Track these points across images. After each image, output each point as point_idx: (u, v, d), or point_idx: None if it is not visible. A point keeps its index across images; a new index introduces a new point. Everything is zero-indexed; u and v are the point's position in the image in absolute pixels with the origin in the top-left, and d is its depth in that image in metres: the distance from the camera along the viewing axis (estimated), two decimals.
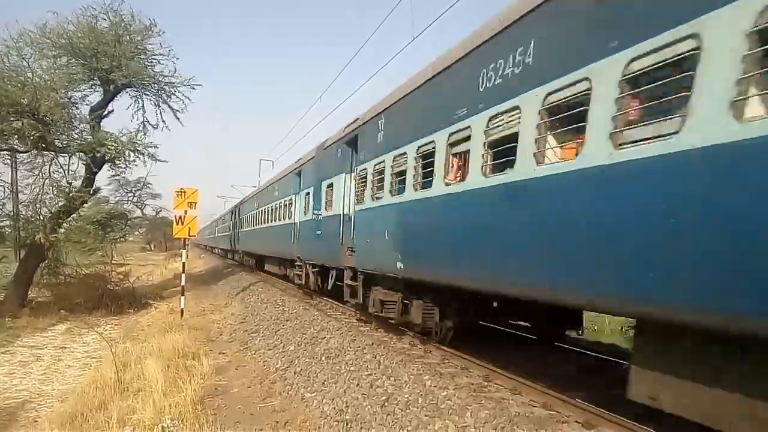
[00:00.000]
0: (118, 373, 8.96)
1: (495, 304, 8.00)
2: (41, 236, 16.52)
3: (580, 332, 7.61)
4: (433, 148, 6.90)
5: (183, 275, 15.81)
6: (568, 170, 4.51)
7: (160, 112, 19.25)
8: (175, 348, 10.26)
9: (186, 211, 14.83)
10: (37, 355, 12.72)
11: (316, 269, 13.73)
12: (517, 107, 5.26)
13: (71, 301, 18.14)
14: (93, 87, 18.03)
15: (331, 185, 12.02)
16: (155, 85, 18.68)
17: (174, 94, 18.84)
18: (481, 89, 5.93)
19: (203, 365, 9.42)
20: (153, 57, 18.16)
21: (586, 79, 4.40)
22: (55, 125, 16.20)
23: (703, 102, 3.38)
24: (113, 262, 24.50)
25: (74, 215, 18.79)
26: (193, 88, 18.94)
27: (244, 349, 11.05)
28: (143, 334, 12.89)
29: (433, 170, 6.87)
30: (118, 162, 17.80)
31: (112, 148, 16.71)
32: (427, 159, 7.12)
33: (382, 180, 8.76)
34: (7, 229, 19.31)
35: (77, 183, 18.18)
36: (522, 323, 8.85)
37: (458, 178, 6.38)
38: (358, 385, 6.85)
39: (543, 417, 5.09)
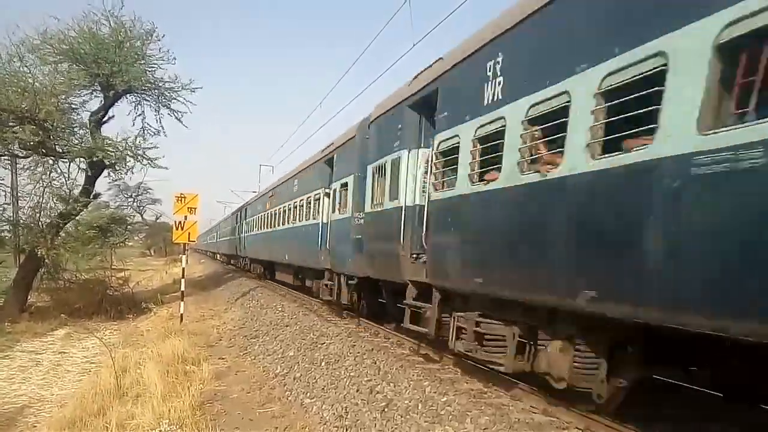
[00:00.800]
0: (117, 379, 8.95)
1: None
2: (43, 250, 16.52)
3: None
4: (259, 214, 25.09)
5: (183, 280, 15.81)
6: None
7: (159, 118, 19.32)
8: (175, 353, 10.24)
9: (186, 217, 14.86)
10: (36, 360, 12.70)
11: (244, 257, 30.15)
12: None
13: (71, 306, 18.11)
14: (93, 92, 18.09)
15: (244, 224, 29.08)
16: (156, 90, 18.73)
17: (175, 99, 18.90)
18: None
19: (202, 371, 9.41)
20: (153, 63, 18.23)
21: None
22: (55, 131, 16.24)
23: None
24: (113, 267, 24.44)
25: (73, 221, 18.79)
26: (193, 92, 18.98)
27: (244, 355, 11.04)
28: (143, 340, 12.88)
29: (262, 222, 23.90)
30: (118, 167, 17.83)
31: (112, 153, 16.74)
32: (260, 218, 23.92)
33: (250, 225, 26.67)
34: (6, 234, 19.30)
35: (77, 189, 18.21)
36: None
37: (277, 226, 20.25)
38: (357, 390, 6.84)
39: (543, 423, 5.08)
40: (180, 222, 14.87)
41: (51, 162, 17.51)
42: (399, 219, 7.81)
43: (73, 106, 17.54)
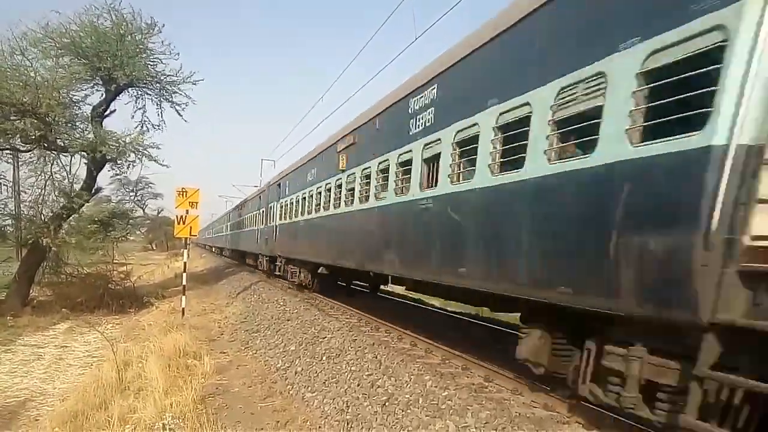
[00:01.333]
0: (119, 373, 8.98)
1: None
2: (48, 240, 16.54)
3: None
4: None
5: (184, 275, 15.82)
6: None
7: (161, 112, 19.32)
8: (176, 347, 10.26)
9: (188, 211, 14.86)
10: (38, 354, 12.75)
11: (229, 249, 39.67)
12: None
13: (73, 300, 18.17)
14: (95, 86, 18.08)
15: (228, 225, 40.49)
16: (157, 84, 18.71)
17: (176, 92, 18.88)
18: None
19: (204, 365, 9.43)
20: (155, 57, 18.20)
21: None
22: (57, 124, 16.24)
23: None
24: (115, 261, 24.51)
25: (75, 215, 18.82)
26: (195, 84, 18.94)
27: (245, 349, 11.06)
28: (144, 334, 12.91)
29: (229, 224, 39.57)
30: (119, 162, 17.84)
31: (114, 147, 16.74)
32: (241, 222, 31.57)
33: (232, 227, 36.88)
34: (9, 228, 19.36)
35: (78, 184, 18.24)
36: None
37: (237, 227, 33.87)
38: (358, 385, 6.86)
39: (544, 417, 5.09)
40: (182, 216, 14.88)
41: (53, 156, 17.54)
42: (274, 230, 18.79)
43: (75, 99, 17.57)
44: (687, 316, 3.37)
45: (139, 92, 19.01)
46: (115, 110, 18.93)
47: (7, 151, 17.85)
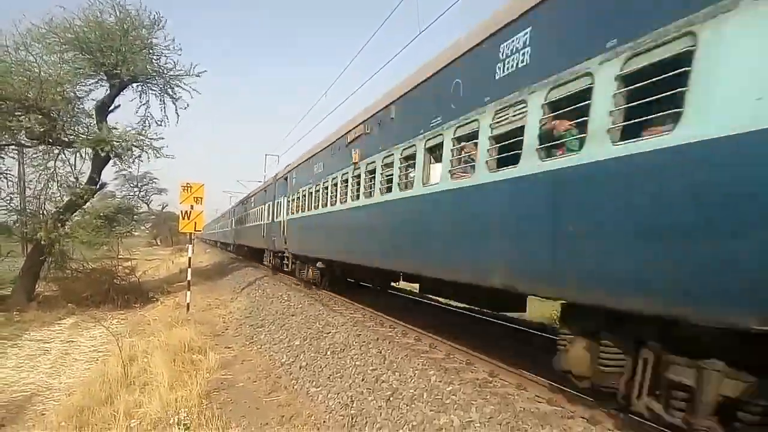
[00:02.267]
0: (124, 367, 9.02)
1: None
2: (42, 234, 16.57)
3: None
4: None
5: (189, 270, 15.86)
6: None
7: (164, 107, 19.32)
8: (181, 342, 10.31)
9: (192, 206, 14.88)
10: (44, 349, 12.82)
11: (222, 242, 54.51)
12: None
13: (78, 295, 18.23)
14: (99, 82, 18.09)
15: (218, 225, 60.01)
16: (161, 79, 18.71)
17: (179, 86, 18.87)
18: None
19: (209, 359, 9.47)
20: (159, 52, 18.19)
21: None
22: (62, 120, 16.25)
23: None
24: (120, 256, 24.55)
25: (80, 211, 18.88)
26: (198, 76, 18.90)
27: (250, 344, 11.10)
28: (149, 329, 12.96)
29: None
30: (124, 157, 17.87)
31: (118, 143, 16.76)
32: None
33: (222, 226, 54.00)
34: (15, 224, 19.44)
35: (83, 178, 18.29)
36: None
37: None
38: (363, 379, 6.86)
39: (548, 412, 5.08)
40: (186, 211, 14.90)
41: (56, 151, 17.58)
42: (236, 231, 36.70)
43: (79, 94, 17.58)
44: None
45: (144, 87, 19.03)
46: (119, 105, 18.95)
47: (13, 147, 17.91)
